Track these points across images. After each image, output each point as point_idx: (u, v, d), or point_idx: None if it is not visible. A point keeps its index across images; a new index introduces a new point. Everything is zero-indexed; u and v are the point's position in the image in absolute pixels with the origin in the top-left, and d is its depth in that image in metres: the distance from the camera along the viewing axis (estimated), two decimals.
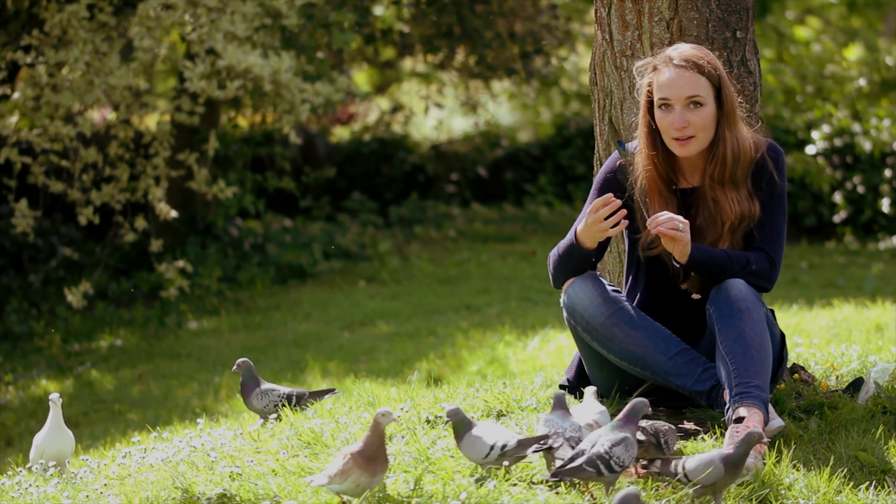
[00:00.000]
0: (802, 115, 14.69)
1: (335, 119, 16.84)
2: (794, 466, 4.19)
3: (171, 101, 11.67)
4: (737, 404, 4.26)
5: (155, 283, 12.19)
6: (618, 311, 4.54)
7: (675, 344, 4.52)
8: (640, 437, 4.07)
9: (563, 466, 3.96)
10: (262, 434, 4.83)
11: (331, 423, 4.75)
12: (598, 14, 5.09)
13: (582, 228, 4.50)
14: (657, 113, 4.54)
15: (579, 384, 4.80)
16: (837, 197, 14.56)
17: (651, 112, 4.57)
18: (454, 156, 16.54)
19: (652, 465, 4.03)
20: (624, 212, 4.43)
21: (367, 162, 16.18)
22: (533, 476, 4.09)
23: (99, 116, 12.66)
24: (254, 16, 10.09)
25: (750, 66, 5.00)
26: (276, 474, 4.24)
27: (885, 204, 14.40)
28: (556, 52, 14.32)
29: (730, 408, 4.28)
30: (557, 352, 8.75)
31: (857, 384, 4.92)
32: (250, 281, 12.68)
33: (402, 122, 16.91)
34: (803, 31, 17.70)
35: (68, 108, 10.25)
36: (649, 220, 4.44)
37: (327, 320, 11.22)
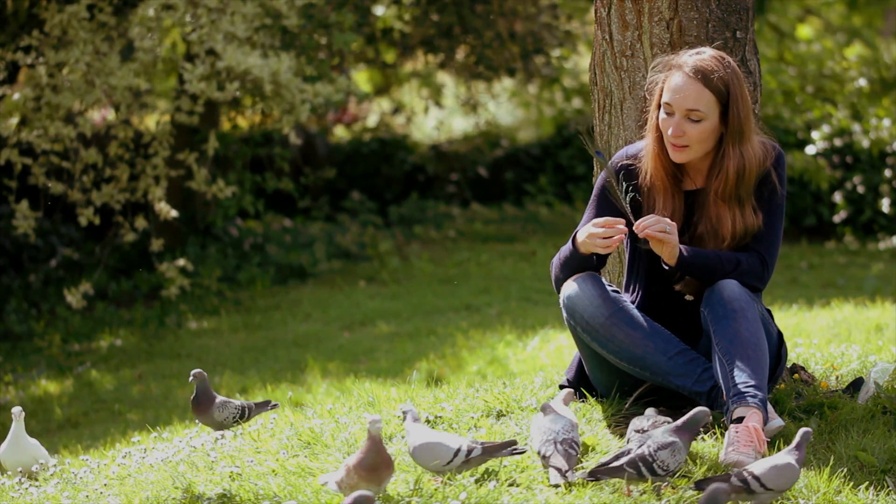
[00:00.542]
0: (802, 115, 14.68)
1: (336, 119, 16.84)
2: None
3: (171, 101, 11.67)
4: (735, 405, 4.25)
5: (155, 283, 12.20)
6: (618, 312, 4.53)
7: (674, 344, 4.51)
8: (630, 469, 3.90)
9: (604, 465, 3.91)
10: (262, 434, 4.83)
11: (331, 423, 4.76)
12: (598, 14, 5.09)
13: (582, 239, 4.50)
14: (661, 113, 4.55)
15: (579, 384, 4.81)
16: (837, 197, 14.54)
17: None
18: (454, 156, 16.53)
19: (705, 483, 3.86)
20: (622, 236, 4.42)
21: (367, 162, 16.18)
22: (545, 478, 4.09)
23: (99, 117, 12.66)
24: (254, 16, 10.09)
25: (750, 67, 5.00)
26: (276, 474, 4.24)
27: (885, 204, 14.39)
28: (557, 52, 14.31)
29: (728, 408, 4.27)
30: (557, 352, 8.75)
31: (857, 384, 4.92)
32: (250, 281, 12.68)
33: (402, 123, 16.92)
34: (805, 30, 17.71)
35: (68, 109, 10.25)
36: (636, 224, 4.43)
37: (327, 320, 11.22)
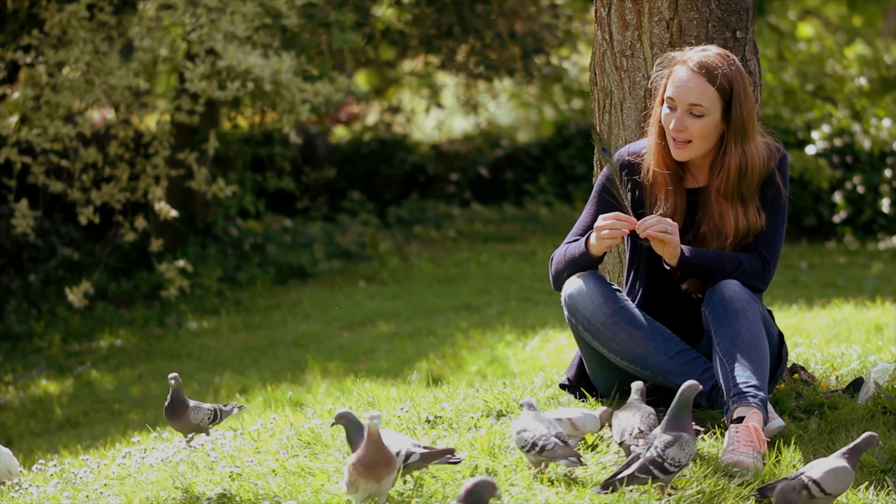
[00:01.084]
0: (802, 115, 14.67)
1: (336, 119, 16.83)
2: (793, 466, 4.19)
3: (171, 100, 11.66)
4: (736, 405, 4.25)
5: (155, 283, 12.19)
6: (619, 310, 4.53)
7: (675, 344, 4.51)
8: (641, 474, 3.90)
9: (616, 475, 3.88)
10: (262, 434, 4.83)
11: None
12: (598, 14, 5.09)
13: (595, 241, 4.50)
14: (664, 108, 4.54)
15: (579, 384, 4.80)
16: (837, 197, 14.54)
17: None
18: (454, 156, 16.53)
19: (767, 489, 3.87)
20: (627, 230, 4.43)
21: (367, 162, 16.17)
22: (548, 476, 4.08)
23: (99, 116, 12.66)
24: (254, 16, 10.09)
25: (750, 66, 5.00)
26: (276, 474, 4.23)
27: (885, 204, 14.38)
28: (557, 51, 14.31)
29: (728, 408, 4.27)
30: (557, 352, 8.75)
31: (857, 384, 4.92)
32: (250, 281, 12.68)
33: (402, 123, 16.91)
34: (806, 29, 17.69)
35: (68, 108, 10.24)
36: (638, 224, 4.43)
37: (327, 320, 11.22)
